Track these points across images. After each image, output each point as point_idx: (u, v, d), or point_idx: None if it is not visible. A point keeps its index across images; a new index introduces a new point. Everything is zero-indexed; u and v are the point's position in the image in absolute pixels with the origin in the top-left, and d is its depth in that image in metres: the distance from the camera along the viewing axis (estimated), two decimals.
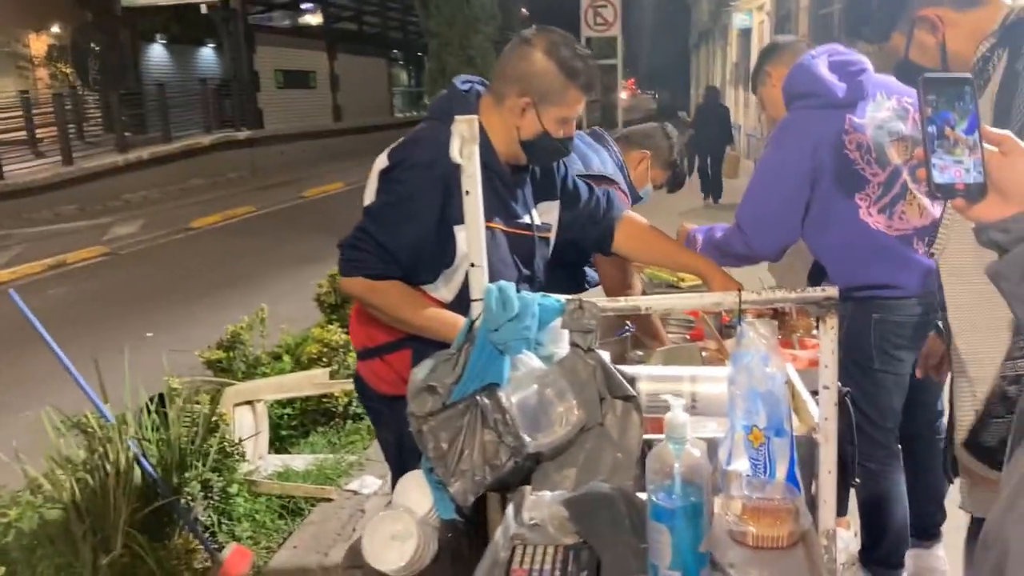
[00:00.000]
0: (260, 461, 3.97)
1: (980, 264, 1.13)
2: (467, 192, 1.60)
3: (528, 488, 1.54)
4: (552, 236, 2.24)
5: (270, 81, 22.97)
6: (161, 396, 3.69)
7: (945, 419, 2.70)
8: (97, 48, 20.62)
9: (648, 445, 1.65)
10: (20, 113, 16.42)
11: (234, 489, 3.48)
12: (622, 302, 1.65)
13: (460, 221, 1.82)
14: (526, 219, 2.12)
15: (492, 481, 1.52)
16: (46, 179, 14.69)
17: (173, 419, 3.38)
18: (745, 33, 19.63)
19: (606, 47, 15.99)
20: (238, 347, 4.62)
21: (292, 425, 4.35)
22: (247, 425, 3.92)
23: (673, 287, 3.69)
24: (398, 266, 1.97)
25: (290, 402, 4.32)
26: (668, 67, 37.32)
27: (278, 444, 4.24)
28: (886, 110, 2.43)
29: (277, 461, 4.01)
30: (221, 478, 3.42)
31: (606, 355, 1.79)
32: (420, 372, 1.68)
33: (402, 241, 1.95)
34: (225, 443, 3.52)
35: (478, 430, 1.54)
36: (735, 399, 1.52)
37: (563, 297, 1.74)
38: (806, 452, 1.63)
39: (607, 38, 15.02)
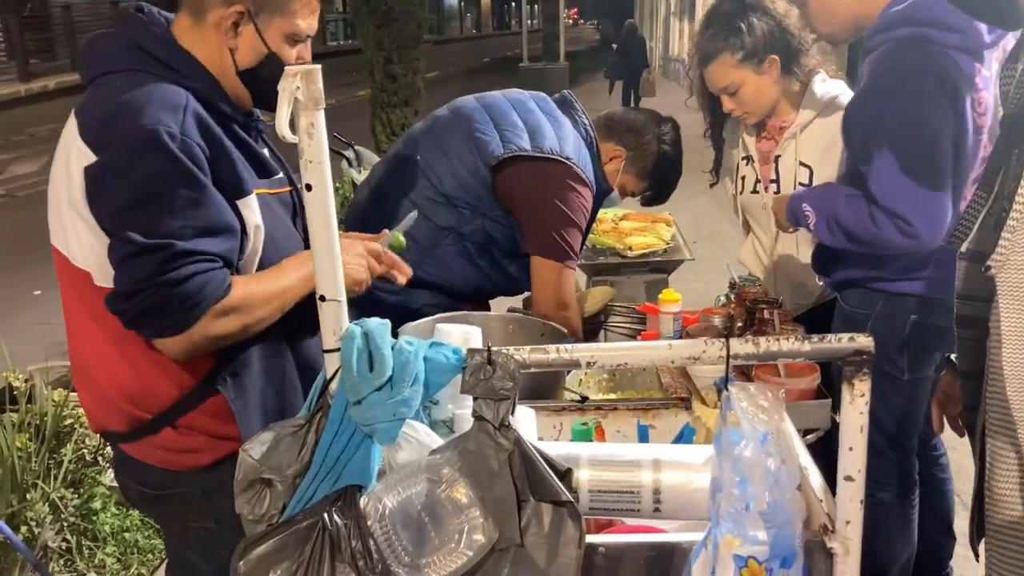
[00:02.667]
0: None
1: None
2: (308, 186, 1.02)
3: None
4: None
5: None
6: (11, 390, 3.08)
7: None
8: None
9: (593, 550, 1.13)
10: None
11: (97, 504, 2.90)
12: (553, 353, 1.10)
13: (235, 192, 1.42)
14: (280, 173, 1.58)
15: None
16: None
17: (15, 423, 2.77)
18: None
19: None
20: None
21: None
22: None
23: (619, 255, 3.19)
24: (231, 259, 1.42)
25: None
26: None
27: None
28: (996, 61, 1.87)
29: None
30: (77, 493, 2.83)
31: (529, 423, 1.26)
32: (254, 449, 1.13)
33: (214, 219, 1.38)
34: (84, 448, 2.92)
35: (326, 568, 0.99)
36: (722, 514, 1.00)
37: (465, 339, 1.19)
38: (812, 564, 1.13)
39: None
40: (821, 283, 2.26)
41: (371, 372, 1.03)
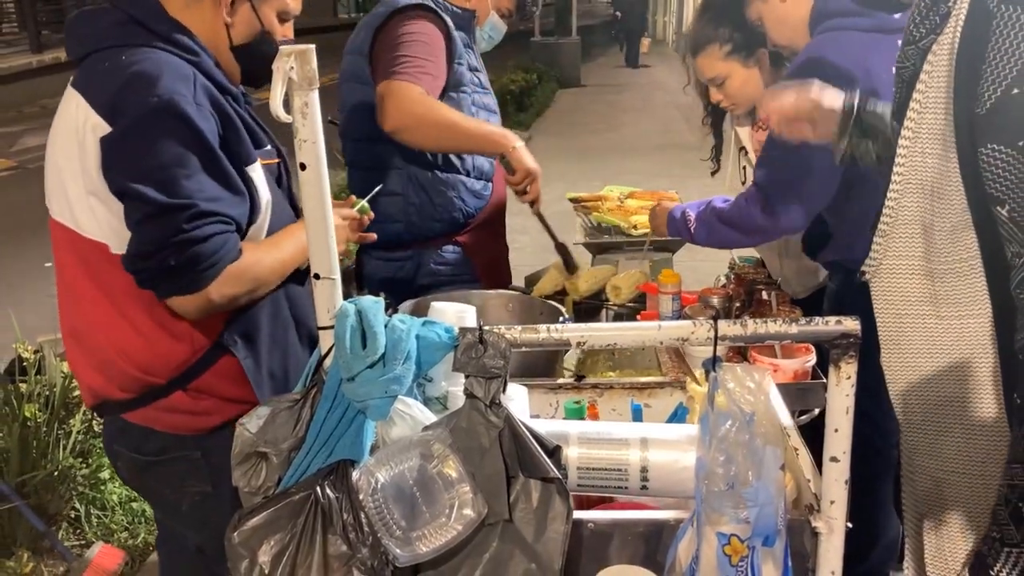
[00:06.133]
0: None
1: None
2: (303, 165, 1.04)
3: None
4: None
5: None
6: (21, 361, 3.12)
7: None
8: None
9: (582, 525, 1.15)
10: None
11: (106, 474, 2.95)
12: (544, 333, 1.11)
13: (243, 160, 1.47)
14: (269, 145, 1.62)
15: None
16: None
17: (24, 394, 2.81)
18: None
19: None
20: None
21: None
22: None
23: (623, 233, 3.19)
24: (242, 224, 1.49)
25: None
26: None
27: None
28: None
29: None
30: (86, 463, 2.88)
31: (521, 400, 1.28)
32: (250, 423, 1.15)
33: (228, 184, 1.45)
34: (92, 419, 2.97)
35: (318, 540, 1.02)
36: (706, 493, 1.02)
37: (459, 318, 1.21)
38: (799, 543, 1.15)
39: None
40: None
41: (364, 349, 1.05)
